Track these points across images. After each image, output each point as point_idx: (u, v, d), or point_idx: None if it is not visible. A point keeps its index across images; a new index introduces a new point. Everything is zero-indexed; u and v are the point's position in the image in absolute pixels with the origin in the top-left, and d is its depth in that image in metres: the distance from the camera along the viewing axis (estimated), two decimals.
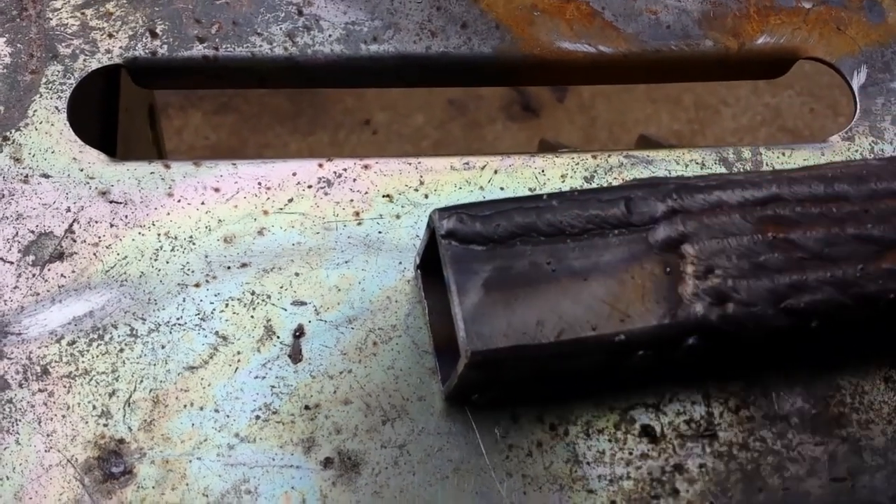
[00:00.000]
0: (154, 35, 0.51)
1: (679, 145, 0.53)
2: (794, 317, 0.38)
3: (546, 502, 0.42)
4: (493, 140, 1.45)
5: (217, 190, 0.48)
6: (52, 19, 0.51)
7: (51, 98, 0.49)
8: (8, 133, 0.47)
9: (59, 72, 0.49)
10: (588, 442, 0.43)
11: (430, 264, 0.44)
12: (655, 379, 0.43)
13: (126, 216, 0.46)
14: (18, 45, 0.50)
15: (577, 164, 0.50)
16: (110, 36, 0.51)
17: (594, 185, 0.49)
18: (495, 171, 0.50)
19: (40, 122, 0.48)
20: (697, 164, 0.51)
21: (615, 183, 0.50)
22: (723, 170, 0.51)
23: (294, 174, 0.48)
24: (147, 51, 0.51)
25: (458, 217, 0.38)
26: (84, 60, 0.50)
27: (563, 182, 0.50)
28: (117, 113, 0.58)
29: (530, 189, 0.50)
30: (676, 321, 0.37)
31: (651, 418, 0.44)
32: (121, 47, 0.50)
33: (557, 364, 0.38)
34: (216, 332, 0.44)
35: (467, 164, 0.50)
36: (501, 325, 0.36)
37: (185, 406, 0.42)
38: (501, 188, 0.49)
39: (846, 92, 0.56)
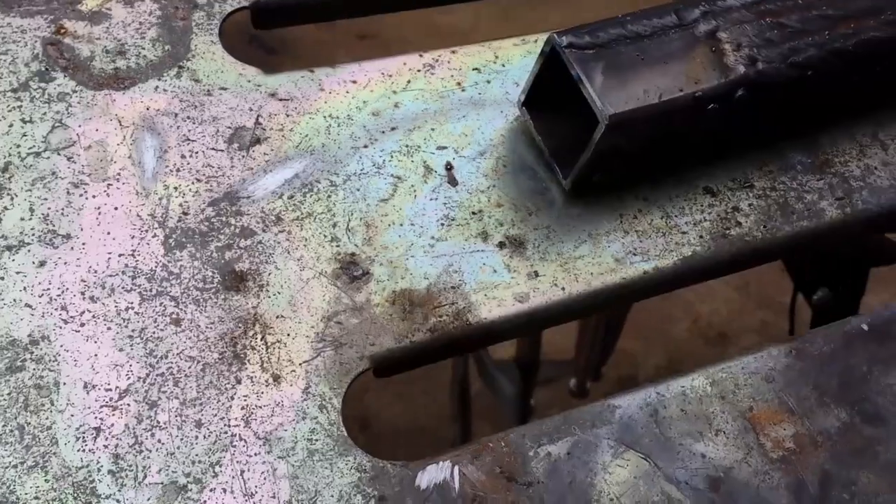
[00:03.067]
0: None
1: None
2: (796, 69, 0.57)
3: (655, 246, 0.58)
4: None
5: (354, 82, 0.61)
6: None
7: (204, 36, 0.61)
8: (181, 63, 0.59)
9: (203, 16, 0.62)
10: (672, 203, 0.60)
11: (532, 101, 0.60)
12: (719, 150, 0.61)
13: (296, 108, 0.59)
14: (163, 1, 0.62)
15: None
16: None
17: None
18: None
19: (203, 53, 0.60)
20: None
21: None
22: None
23: (405, 63, 0.63)
24: None
25: (574, 34, 0.54)
26: (219, 6, 0.62)
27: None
28: None
29: None
30: (728, 79, 0.55)
31: (709, 181, 0.61)
32: None
33: (660, 123, 0.54)
34: (392, 175, 0.58)
35: (524, 39, 0.66)
36: (622, 96, 0.52)
37: (389, 225, 0.56)
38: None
39: None
